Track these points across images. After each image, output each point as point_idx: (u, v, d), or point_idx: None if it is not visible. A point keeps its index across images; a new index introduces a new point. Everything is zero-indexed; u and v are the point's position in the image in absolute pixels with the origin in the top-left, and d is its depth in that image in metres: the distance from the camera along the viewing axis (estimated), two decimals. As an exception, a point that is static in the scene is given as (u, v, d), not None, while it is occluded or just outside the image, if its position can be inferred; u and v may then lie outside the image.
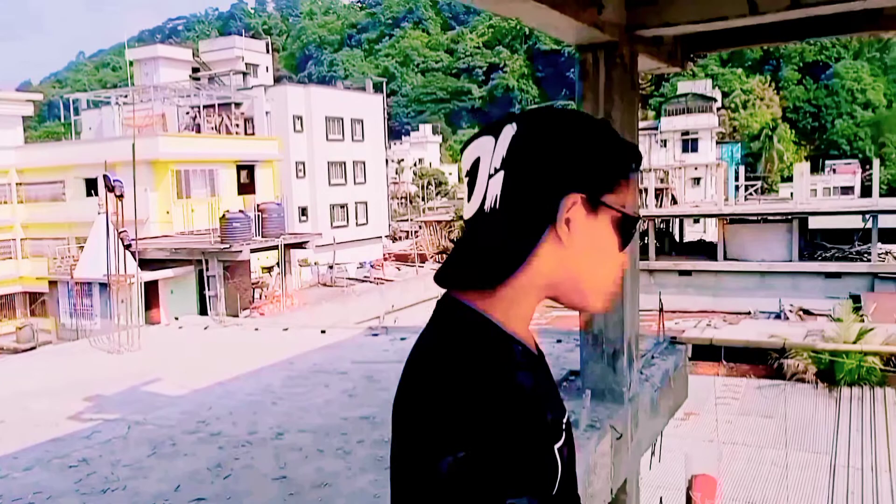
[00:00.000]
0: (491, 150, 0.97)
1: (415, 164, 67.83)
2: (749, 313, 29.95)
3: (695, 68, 60.36)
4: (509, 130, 0.96)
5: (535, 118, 0.98)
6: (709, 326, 26.41)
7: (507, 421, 0.87)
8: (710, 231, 41.47)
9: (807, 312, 28.59)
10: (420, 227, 42.57)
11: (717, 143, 54.27)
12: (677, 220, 42.46)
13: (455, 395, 0.88)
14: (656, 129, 51.19)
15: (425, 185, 61.47)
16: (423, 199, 57.45)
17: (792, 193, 45.45)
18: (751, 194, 54.24)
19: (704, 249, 37.95)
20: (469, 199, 0.99)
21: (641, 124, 51.41)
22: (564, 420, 0.97)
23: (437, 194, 61.71)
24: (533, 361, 0.97)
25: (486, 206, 0.96)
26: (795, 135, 67.40)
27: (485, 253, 0.96)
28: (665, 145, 50.78)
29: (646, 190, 48.09)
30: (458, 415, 0.86)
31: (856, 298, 28.52)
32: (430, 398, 0.90)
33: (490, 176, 0.96)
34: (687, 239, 42.43)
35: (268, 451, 4.76)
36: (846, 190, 52.07)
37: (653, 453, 6.35)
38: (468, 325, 0.95)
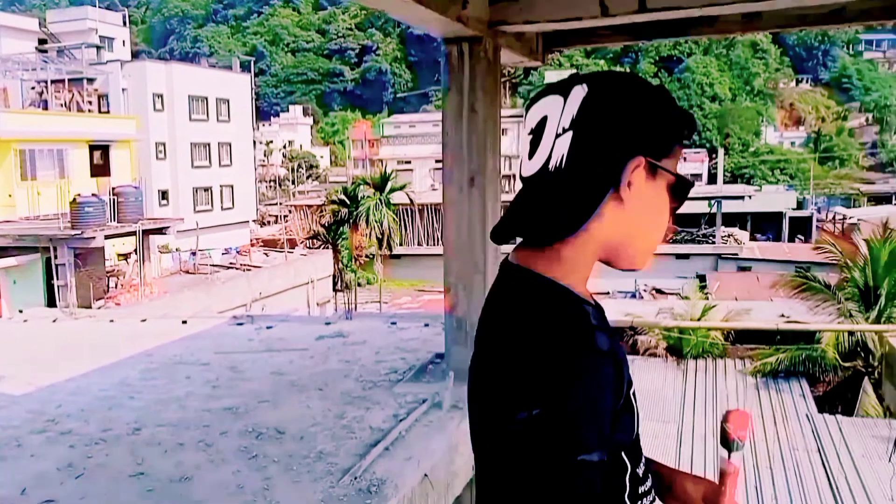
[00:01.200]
0: (560, 110, 0.98)
1: (284, 147, 66.16)
2: (608, 293, 31.69)
3: (561, 58, 62.62)
4: (580, 91, 0.98)
5: (605, 81, 1.00)
6: (571, 307, 27.69)
7: (588, 382, 0.91)
8: (573, 216, 43.30)
9: (659, 291, 30.59)
10: (290, 212, 41.68)
11: (581, 131, 56.54)
12: (543, 205, 44.10)
13: (539, 356, 0.91)
14: (525, 116, 52.61)
15: (296, 167, 60.18)
16: (293, 183, 56.26)
17: (647, 180, 48.33)
18: (610, 181, 57.09)
19: (568, 233, 39.68)
20: (530, 157, 1.01)
21: (512, 112, 52.64)
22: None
23: (308, 177, 60.65)
24: (603, 321, 1.01)
25: (551, 165, 0.98)
26: (651, 125, 71.56)
27: (549, 211, 0.98)
28: (533, 132, 52.28)
29: (514, 176, 49.53)
30: (539, 375, 0.90)
31: (701, 278, 30.89)
32: (513, 358, 0.93)
33: (557, 136, 0.98)
34: (553, 223, 44.18)
35: (123, 448, 4.58)
36: (695, 177, 56.01)
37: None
38: (542, 289, 0.98)
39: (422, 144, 48.96)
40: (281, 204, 46.60)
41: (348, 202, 30.37)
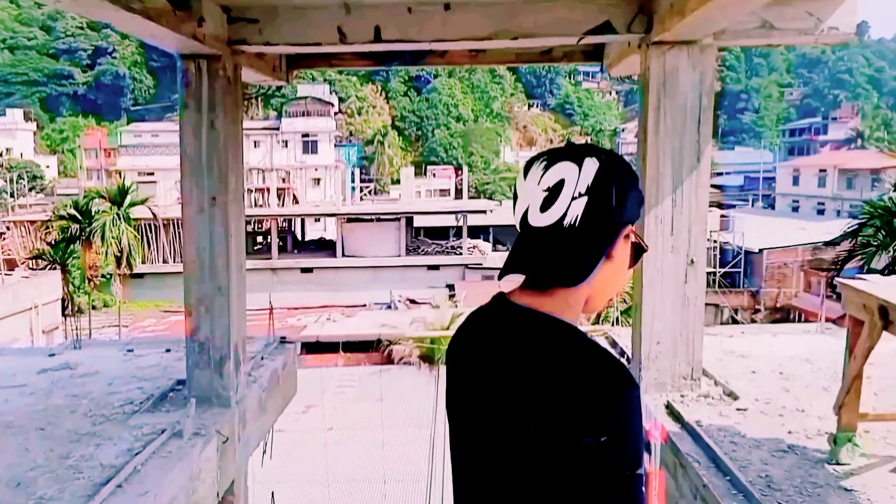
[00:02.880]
0: (576, 176, 1.18)
1: (0, 155, 58.22)
2: (365, 305, 32.30)
3: (314, 73, 62.66)
4: (591, 164, 1.19)
5: (609, 157, 1.21)
6: (328, 320, 27.80)
7: (639, 412, 1.13)
8: (330, 229, 43.56)
9: (413, 301, 31.85)
10: (8, 228, 36.76)
11: (336, 145, 57.20)
12: (299, 219, 43.73)
13: (602, 392, 1.10)
14: (278, 129, 51.93)
15: (15, 178, 53.16)
16: (12, 196, 49.63)
17: (400, 194, 50.18)
18: (366, 195, 58.41)
19: (325, 247, 39.77)
20: (543, 210, 1.19)
21: (263, 124, 51.32)
22: None
23: (30, 190, 54.03)
24: None
25: (566, 222, 1.18)
26: (403, 141, 74.41)
27: (565, 261, 1.18)
28: (287, 146, 51.78)
29: (268, 190, 48.57)
30: (604, 407, 1.10)
31: (451, 287, 32.75)
32: (572, 393, 1.10)
33: (574, 198, 1.18)
34: (308, 237, 43.96)
35: None
36: (444, 192, 59.19)
37: (264, 451, 6.58)
38: (573, 332, 1.18)
39: (166, 155, 46.00)
40: (-3, 220, 40.87)
41: (80, 217, 27.62)
